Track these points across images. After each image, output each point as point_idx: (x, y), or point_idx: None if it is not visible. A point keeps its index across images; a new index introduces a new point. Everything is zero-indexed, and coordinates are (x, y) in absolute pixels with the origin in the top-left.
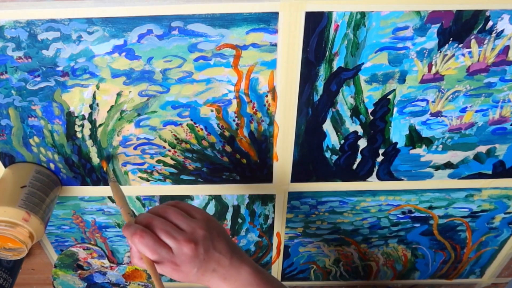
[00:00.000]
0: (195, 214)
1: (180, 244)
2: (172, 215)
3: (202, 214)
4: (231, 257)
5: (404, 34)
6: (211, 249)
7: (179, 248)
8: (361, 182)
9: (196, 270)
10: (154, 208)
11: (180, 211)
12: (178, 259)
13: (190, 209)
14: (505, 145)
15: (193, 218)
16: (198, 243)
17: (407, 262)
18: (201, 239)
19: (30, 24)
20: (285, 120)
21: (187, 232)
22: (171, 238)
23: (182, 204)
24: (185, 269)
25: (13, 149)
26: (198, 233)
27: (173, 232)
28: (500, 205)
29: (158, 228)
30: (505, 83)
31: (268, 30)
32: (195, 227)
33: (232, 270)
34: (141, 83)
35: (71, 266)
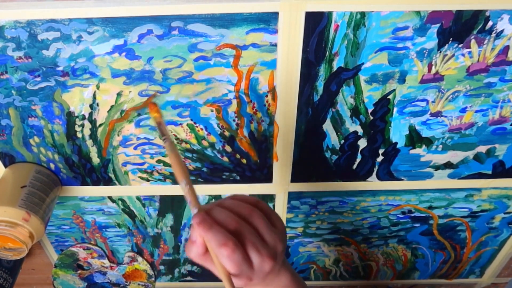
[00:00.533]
0: (276, 221)
1: (263, 260)
2: (258, 222)
3: (281, 223)
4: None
5: (404, 34)
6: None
7: (261, 264)
8: (361, 182)
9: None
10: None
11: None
12: (255, 275)
13: (271, 214)
14: (505, 145)
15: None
16: (276, 259)
17: (407, 262)
18: (279, 254)
19: (30, 24)
20: (285, 120)
21: (270, 246)
22: (256, 252)
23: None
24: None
25: (13, 149)
26: (278, 248)
27: (258, 244)
28: (500, 205)
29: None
30: (505, 83)
31: (268, 30)
32: (276, 240)
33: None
34: (141, 83)
35: (71, 266)
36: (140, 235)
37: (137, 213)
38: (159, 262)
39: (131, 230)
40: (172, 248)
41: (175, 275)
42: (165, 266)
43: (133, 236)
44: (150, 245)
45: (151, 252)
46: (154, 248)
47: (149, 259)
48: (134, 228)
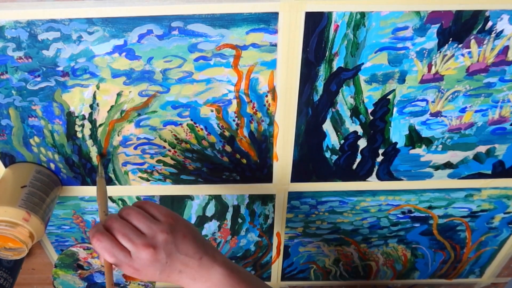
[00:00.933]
0: (160, 216)
1: (138, 248)
2: (134, 217)
3: (166, 216)
4: (201, 258)
5: (404, 34)
6: (174, 252)
7: (137, 252)
8: (361, 182)
9: (159, 273)
10: (121, 209)
11: (143, 213)
12: (136, 263)
13: (155, 211)
14: (504, 145)
15: (157, 220)
16: (158, 247)
17: (407, 262)
18: (163, 243)
19: (30, 24)
20: (285, 120)
21: (147, 236)
22: (129, 242)
23: (148, 205)
24: (147, 272)
25: (13, 149)
26: (159, 237)
27: (132, 235)
28: (500, 205)
29: (117, 231)
30: (505, 83)
31: (268, 30)
32: (156, 230)
33: (202, 270)
34: (141, 83)
35: (71, 266)
36: None
37: None
38: None
39: None
40: None
41: None
42: None
43: None
44: None
45: None
46: None
47: None
48: None
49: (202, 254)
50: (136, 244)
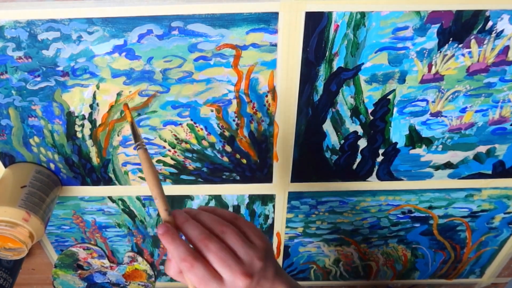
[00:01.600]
0: (254, 238)
1: (235, 277)
2: (231, 237)
3: (261, 240)
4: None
5: (404, 34)
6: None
7: (233, 281)
8: (361, 182)
9: None
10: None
11: (239, 233)
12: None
13: (249, 231)
14: (505, 145)
15: (251, 242)
16: (254, 276)
17: (407, 262)
18: (257, 271)
19: (30, 24)
20: (285, 120)
21: (244, 263)
22: (227, 269)
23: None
24: None
25: (13, 149)
26: (256, 265)
27: (230, 261)
28: (500, 205)
29: (214, 255)
30: (505, 83)
31: (268, 30)
32: (253, 257)
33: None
34: (141, 83)
35: (71, 266)
36: (140, 235)
37: (137, 213)
38: (159, 262)
39: (131, 230)
40: None
41: None
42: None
43: (133, 236)
44: (150, 245)
45: (151, 252)
46: (154, 248)
47: (149, 259)
48: (134, 228)
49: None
50: (234, 272)
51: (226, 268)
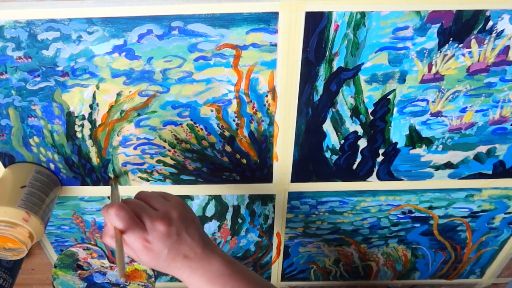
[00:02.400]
0: (170, 198)
1: (154, 220)
2: (147, 197)
3: (176, 199)
4: (203, 247)
5: (404, 34)
6: (183, 232)
7: (152, 224)
8: (361, 182)
9: (167, 252)
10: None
11: (155, 194)
12: (150, 235)
13: (164, 195)
14: (505, 145)
15: (166, 200)
16: (171, 223)
17: (407, 262)
18: (175, 219)
19: (30, 24)
20: (285, 120)
21: (161, 212)
22: (145, 215)
23: (157, 191)
24: (156, 247)
25: (13, 149)
26: (172, 214)
27: (148, 210)
28: (500, 205)
29: (134, 205)
30: (505, 83)
31: (268, 30)
32: (169, 207)
33: (203, 260)
34: (141, 83)
35: (71, 266)
36: None
37: None
38: None
39: None
40: None
41: None
42: None
43: None
44: None
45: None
46: None
47: None
48: None
49: (204, 243)
50: (152, 217)
51: (145, 215)
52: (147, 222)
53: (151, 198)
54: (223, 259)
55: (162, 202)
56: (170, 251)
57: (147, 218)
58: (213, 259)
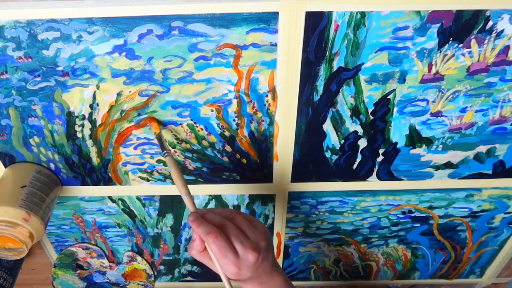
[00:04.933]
0: (257, 224)
1: (247, 251)
2: (240, 221)
3: (262, 226)
4: (272, 266)
5: (404, 34)
6: (265, 260)
7: (245, 253)
8: (361, 182)
9: (250, 275)
10: (219, 210)
11: (245, 220)
12: (242, 263)
13: (252, 219)
14: (505, 145)
15: (255, 227)
16: (260, 252)
17: (407, 262)
18: (263, 249)
19: (30, 24)
20: (285, 120)
21: (252, 241)
22: (240, 244)
23: (244, 214)
24: (244, 273)
25: (13, 149)
26: (261, 244)
27: (242, 238)
28: (500, 205)
29: (230, 232)
30: (505, 83)
31: (268, 30)
32: (259, 237)
33: (269, 277)
34: (141, 83)
35: (70, 266)
36: (140, 235)
37: (137, 213)
38: (159, 262)
39: (131, 230)
40: (172, 248)
41: (175, 275)
42: (165, 266)
43: (133, 236)
44: (150, 245)
45: (151, 252)
46: (154, 248)
47: (149, 259)
48: (134, 228)
49: (273, 262)
50: (245, 247)
51: (239, 243)
52: (240, 249)
53: (243, 223)
54: (284, 277)
55: (252, 230)
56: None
57: (241, 246)
58: (277, 277)
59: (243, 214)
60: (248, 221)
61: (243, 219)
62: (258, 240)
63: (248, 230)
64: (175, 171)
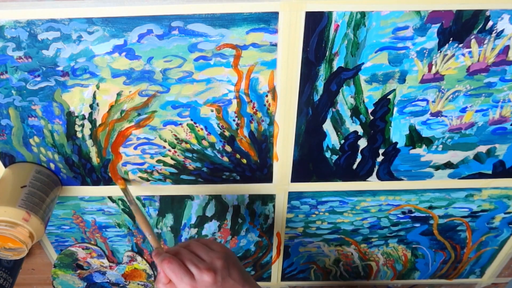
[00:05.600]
0: (214, 247)
1: (201, 272)
2: (194, 247)
3: (220, 247)
4: (244, 285)
5: (404, 34)
6: (227, 277)
7: (200, 275)
8: (361, 182)
9: None
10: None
11: (201, 244)
12: (199, 285)
13: (209, 243)
14: (505, 145)
15: (211, 249)
16: (216, 271)
17: (407, 262)
18: (219, 268)
19: (30, 24)
20: (285, 120)
21: (207, 262)
22: (193, 266)
23: (202, 240)
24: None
25: (13, 149)
26: (217, 263)
27: (195, 261)
28: (500, 205)
29: (183, 257)
30: (505, 83)
31: (268, 30)
32: (214, 257)
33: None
34: (141, 83)
35: (70, 266)
36: (140, 235)
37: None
38: None
39: (131, 230)
40: None
41: None
42: None
43: (133, 236)
44: (150, 245)
45: (151, 252)
46: None
47: (149, 259)
48: (134, 228)
49: (244, 281)
50: (199, 268)
51: (193, 266)
52: (195, 272)
53: (198, 247)
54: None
55: (207, 252)
56: None
57: (195, 269)
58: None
59: (200, 239)
60: (204, 244)
61: (197, 244)
62: (212, 261)
63: (202, 253)
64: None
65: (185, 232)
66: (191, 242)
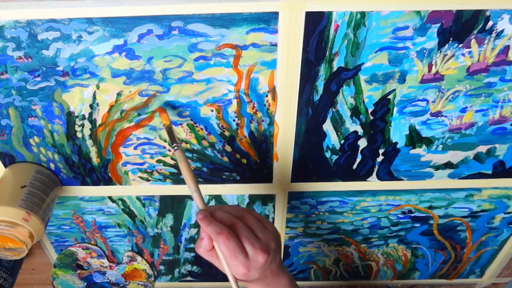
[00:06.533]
0: (267, 225)
1: (256, 251)
2: (250, 221)
3: (272, 226)
4: (283, 270)
5: (404, 34)
6: (273, 261)
7: (255, 255)
8: (361, 182)
9: (257, 276)
10: (229, 208)
11: (256, 220)
12: (251, 265)
13: (263, 220)
14: (505, 145)
15: (266, 229)
16: (270, 254)
17: (407, 262)
18: (273, 250)
19: (30, 24)
20: (285, 120)
21: (262, 242)
22: (250, 245)
23: (254, 212)
24: (252, 274)
25: (13, 149)
26: (271, 245)
27: (252, 239)
28: (500, 205)
29: (240, 233)
30: (505, 83)
31: (268, 30)
32: (269, 238)
33: (275, 278)
34: (141, 83)
35: (70, 266)
36: (140, 235)
37: (137, 213)
38: (159, 262)
39: (131, 230)
40: (172, 248)
41: (175, 275)
42: (165, 266)
43: (133, 236)
44: (150, 245)
45: (151, 252)
46: (154, 248)
47: (149, 259)
48: (134, 228)
49: (283, 268)
50: (255, 248)
51: (249, 244)
52: (250, 251)
53: (254, 223)
54: (289, 278)
55: (262, 230)
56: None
57: (252, 248)
58: (283, 277)
59: (253, 213)
60: (259, 220)
61: (253, 219)
62: (268, 241)
63: (258, 231)
64: (185, 166)
65: (185, 232)
66: (247, 215)
